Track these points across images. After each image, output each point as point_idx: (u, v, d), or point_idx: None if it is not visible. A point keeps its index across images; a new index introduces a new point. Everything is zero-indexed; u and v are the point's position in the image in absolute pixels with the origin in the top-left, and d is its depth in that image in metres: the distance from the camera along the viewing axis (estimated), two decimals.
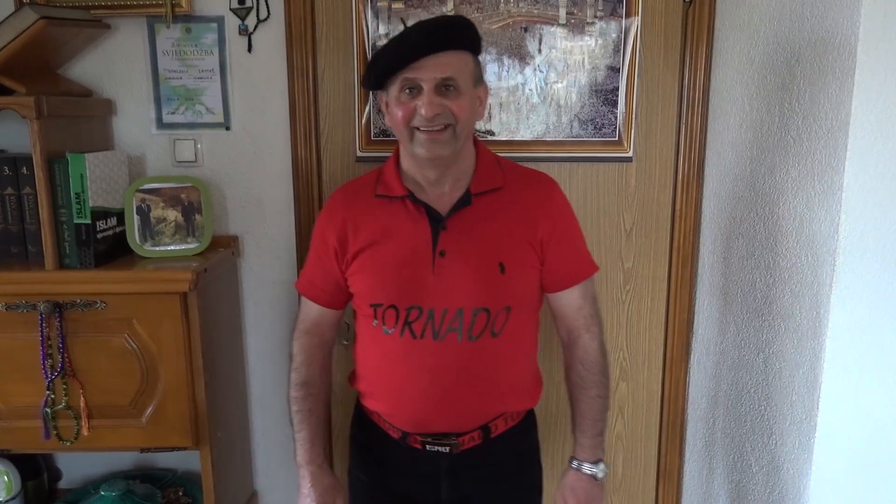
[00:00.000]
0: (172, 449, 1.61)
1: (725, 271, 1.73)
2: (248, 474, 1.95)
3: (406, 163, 1.34)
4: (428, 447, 1.35)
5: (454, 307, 1.27)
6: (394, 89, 1.25)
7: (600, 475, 1.39)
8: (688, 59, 1.74)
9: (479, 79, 1.30)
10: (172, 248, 1.67)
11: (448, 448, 1.35)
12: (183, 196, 1.68)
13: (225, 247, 1.77)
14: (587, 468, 1.39)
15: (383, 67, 1.24)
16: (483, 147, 1.38)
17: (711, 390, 1.82)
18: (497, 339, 1.30)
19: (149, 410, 1.56)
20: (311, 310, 1.43)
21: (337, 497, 1.44)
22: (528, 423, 1.46)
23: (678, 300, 1.86)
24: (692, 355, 1.90)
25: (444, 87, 1.22)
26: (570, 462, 1.41)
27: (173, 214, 1.67)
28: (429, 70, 1.21)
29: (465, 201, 1.30)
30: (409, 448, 1.37)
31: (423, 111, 1.21)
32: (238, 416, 1.87)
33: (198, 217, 1.69)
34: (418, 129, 1.24)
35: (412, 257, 1.29)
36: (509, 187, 1.33)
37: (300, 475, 1.42)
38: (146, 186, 1.65)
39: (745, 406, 1.64)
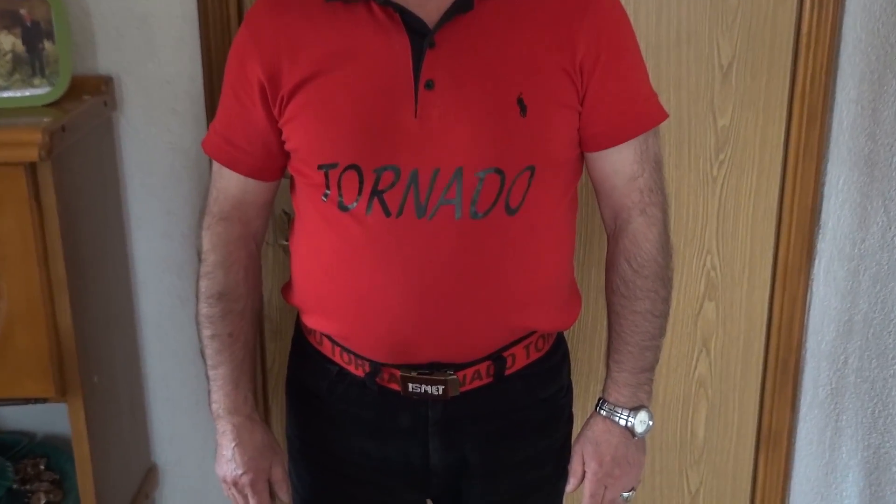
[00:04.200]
0: (26, 401, 1.64)
1: (873, 130, 1.71)
2: (142, 439, 1.99)
3: None
4: (411, 387, 1.38)
5: (449, 167, 1.27)
6: None
7: (640, 429, 1.42)
8: None
9: None
10: (10, 94, 1.67)
11: (441, 388, 1.37)
12: (23, 12, 1.65)
13: (93, 93, 1.75)
14: (621, 416, 1.42)
15: None
16: None
17: (844, 313, 1.84)
18: (515, 219, 1.31)
19: None
20: (229, 182, 1.43)
21: (274, 461, 1.48)
22: (557, 354, 1.50)
23: (799, 176, 1.86)
24: (816, 260, 1.91)
25: None
26: (599, 406, 1.46)
27: (9, 41, 1.66)
28: None
29: (463, 5, 1.28)
30: (380, 391, 1.40)
31: None
32: (124, 353, 1.89)
33: (48, 46, 1.67)
34: None
35: (383, 91, 1.29)
36: None
37: (218, 431, 1.45)
38: None
39: (895, 336, 1.64)
